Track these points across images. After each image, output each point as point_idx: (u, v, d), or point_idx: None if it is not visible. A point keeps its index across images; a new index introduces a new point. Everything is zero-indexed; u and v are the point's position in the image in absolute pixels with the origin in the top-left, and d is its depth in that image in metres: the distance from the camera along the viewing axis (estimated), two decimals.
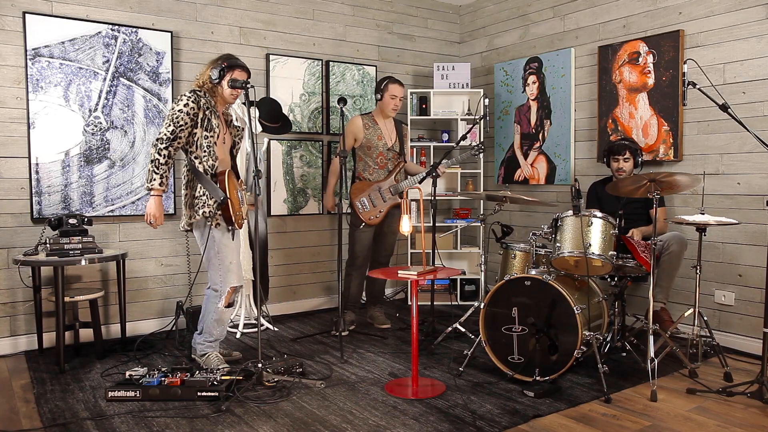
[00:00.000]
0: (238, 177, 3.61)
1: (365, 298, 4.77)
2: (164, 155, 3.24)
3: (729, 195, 3.98)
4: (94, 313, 3.85)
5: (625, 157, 3.95)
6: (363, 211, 4.35)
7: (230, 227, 3.39)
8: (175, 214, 4.44)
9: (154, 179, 3.24)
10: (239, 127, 3.73)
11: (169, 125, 3.24)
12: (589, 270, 3.37)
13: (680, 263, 3.89)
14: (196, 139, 3.33)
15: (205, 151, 3.34)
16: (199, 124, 3.32)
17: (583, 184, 4.52)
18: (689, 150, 4.17)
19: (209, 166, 3.34)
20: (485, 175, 5.60)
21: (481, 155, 4.58)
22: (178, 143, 3.28)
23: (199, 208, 3.32)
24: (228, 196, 3.29)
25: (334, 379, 3.42)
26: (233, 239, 3.45)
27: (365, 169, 4.43)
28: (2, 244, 3.90)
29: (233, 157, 3.63)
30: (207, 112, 3.34)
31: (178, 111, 3.25)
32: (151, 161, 3.24)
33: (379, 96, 4.41)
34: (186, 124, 3.27)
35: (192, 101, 3.28)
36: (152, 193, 3.28)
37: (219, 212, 3.32)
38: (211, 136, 3.35)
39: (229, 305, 3.49)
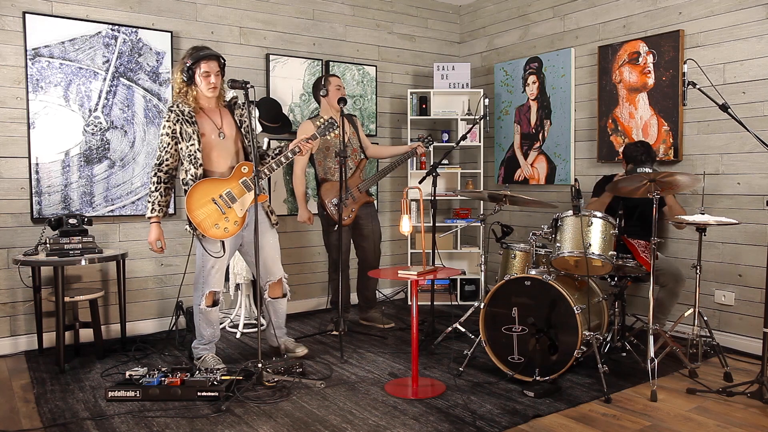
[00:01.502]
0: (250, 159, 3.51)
1: (359, 303, 4.75)
2: (154, 182, 3.39)
3: (729, 195, 3.98)
4: (94, 313, 3.85)
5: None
6: (335, 212, 4.31)
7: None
8: (176, 214, 4.44)
9: (148, 208, 3.40)
10: (236, 96, 3.69)
11: (158, 151, 3.40)
12: (589, 270, 3.37)
13: (677, 298, 3.86)
14: (183, 153, 3.39)
15: (187, 160, 3.38)
16: (180, 139, 3.37)
17: (583, 184, 4.53)
18: (689, 150, 4.17)
19: (192, 176, 3.36)
20: (485, 175, 5.60)
21: (431, 148, 4.77)
22: (167, 165, 3.40)
23: (186, 223, 3.42)
24: (193, 222, 3.31)
25: (334, 379, 3.42)
26: (220, 247, 3.45)
27: (326, 172, 4.36)
28: (2, 244, 3.90)
29: (244, 137, 3.56)
30: (178, 125, 3.36)
31: (161, 135, 3.40)
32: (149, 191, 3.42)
33: (324, 92, 4.33)
34: (168, 144, 3.38)
35: (167, 120, 3.37)
36: (151, 221, 3.42)
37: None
38: (192, 144, 3.36)
39: (213, 305, 3.51)
